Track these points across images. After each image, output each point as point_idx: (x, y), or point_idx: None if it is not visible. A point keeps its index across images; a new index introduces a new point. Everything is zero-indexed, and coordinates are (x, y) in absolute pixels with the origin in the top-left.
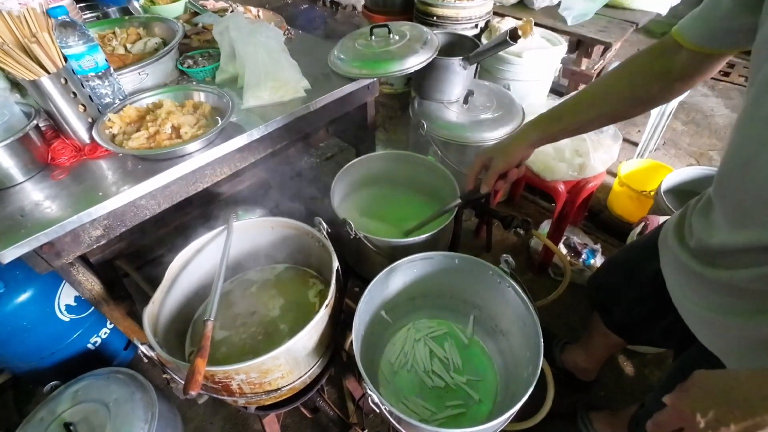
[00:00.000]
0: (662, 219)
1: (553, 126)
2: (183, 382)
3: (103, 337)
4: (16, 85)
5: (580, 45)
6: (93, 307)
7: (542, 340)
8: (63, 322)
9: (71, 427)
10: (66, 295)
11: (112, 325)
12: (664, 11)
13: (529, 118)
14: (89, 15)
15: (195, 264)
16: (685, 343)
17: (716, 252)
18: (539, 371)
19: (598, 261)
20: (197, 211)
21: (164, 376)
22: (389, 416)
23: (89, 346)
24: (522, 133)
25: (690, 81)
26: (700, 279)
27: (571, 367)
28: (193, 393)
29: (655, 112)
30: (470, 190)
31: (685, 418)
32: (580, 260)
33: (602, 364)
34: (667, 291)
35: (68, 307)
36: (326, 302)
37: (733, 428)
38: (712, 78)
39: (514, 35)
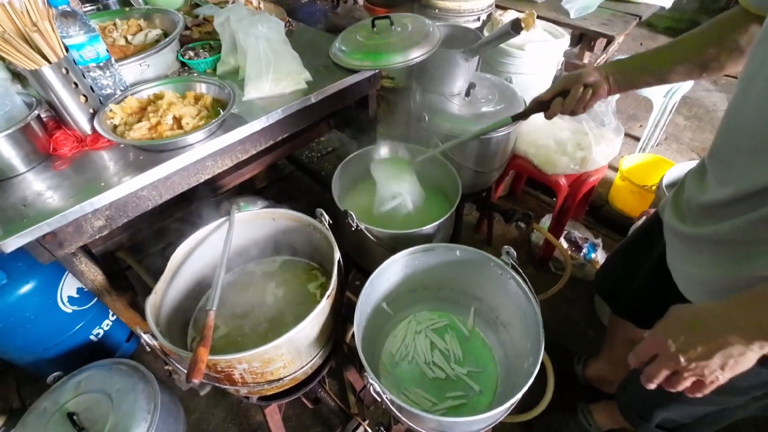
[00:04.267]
0: None
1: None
2: (186, 371)
3: (105, 329)
4: (17, 75)
5: (582, 38)
6: (95, 299)
7: (543, 330)
8: (65, 313)
9: (74, 417)
10: (68, 287)
11: (114, 318)
12: (668, 4)
13: None
14: (90, 7)
15: (197, 255)
16: None
17: (703, 208)
18: (540, 362)
19: (598, 255)
20: (199, 202)
21: (166, 367)
22: (391, 405)
23: (91, 337)
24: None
25: None
26: (688, 240)
27: (596, 383)
28: (195, 381)
29: (657, 107)
30: (528, 108)
31: (659, 344)
32: (581, 254)
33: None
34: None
35: (71, 299)
36: (328, 293)
37: (700, 350)
38: None
39: (516, 26)
